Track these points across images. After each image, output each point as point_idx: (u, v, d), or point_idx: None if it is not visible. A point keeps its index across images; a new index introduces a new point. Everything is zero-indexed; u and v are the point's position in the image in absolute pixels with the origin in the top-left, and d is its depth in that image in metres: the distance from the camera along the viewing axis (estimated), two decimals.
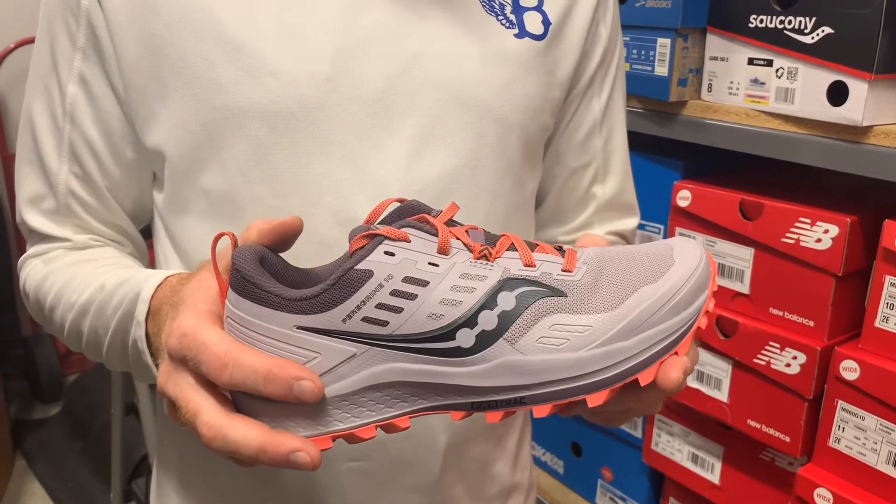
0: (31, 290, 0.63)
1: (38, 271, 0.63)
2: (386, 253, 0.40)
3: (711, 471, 1.02)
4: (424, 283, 0.40)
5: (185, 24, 0.55)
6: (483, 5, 0.60)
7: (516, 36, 0.60)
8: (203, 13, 0.55)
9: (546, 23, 0.62)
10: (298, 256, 0.59)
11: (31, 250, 0.65)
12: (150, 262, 0.69)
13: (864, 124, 0.78)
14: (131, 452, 1.92)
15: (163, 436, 0.69)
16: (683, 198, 0.97)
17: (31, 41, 2.34)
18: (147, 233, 0.68)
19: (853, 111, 0.79)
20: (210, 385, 0.42)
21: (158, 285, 0.52)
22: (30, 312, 0.66)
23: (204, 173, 0.58)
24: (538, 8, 0.62)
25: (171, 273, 0.53)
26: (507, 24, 0.61)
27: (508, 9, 0.61)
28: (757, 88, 0.89)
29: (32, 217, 0.63)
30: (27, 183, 0.63)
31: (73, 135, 0.60)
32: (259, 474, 0.62)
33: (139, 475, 1.96)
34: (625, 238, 0.75)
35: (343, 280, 0.40)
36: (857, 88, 0.78)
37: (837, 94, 0.80)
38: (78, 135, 0.60)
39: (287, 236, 0.46)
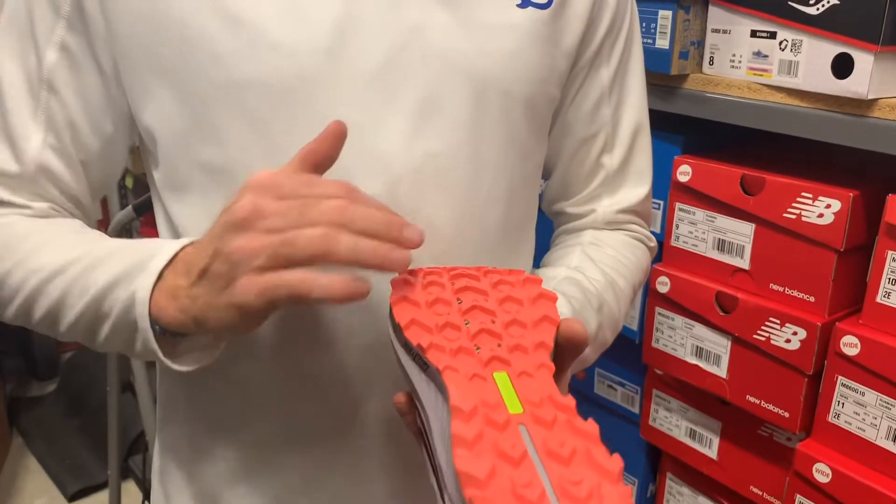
0: None
1: None
2: None
3: (709, 446, 1.02)
4: None
5: None
6: None
7: (519, 6, 0.59)
8: None
9: None
10: None
11: None
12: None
13: (870, 97, 0.77)
14: (128, 429, 1.93)
15: (164, 413, 0.68)
16: (684, 173, 0.96)
17: None
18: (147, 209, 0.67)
19: (858, 84, 0.77)
20: None
21: (184, 246, 0.51)
22: None
23: (202, 148, 0.57)
24: None
25: (193, 239, 0.52)
26: None
27: None
28: (760, 61, 0.87)
29: None
30: None
31: (50, 103, 0.58)
32: (266, 447, 0.62)
33: (136, 452, 1.97)
34: (634, 212, 0.74)
35: None
36: (863, 61, 0.77)
37: (842, 66, 0.79)
38: (57, 104, 0.58)
39: (331, 148, 0.50)
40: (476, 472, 0.36)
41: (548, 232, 0.78)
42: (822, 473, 0.84)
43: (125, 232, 1.41)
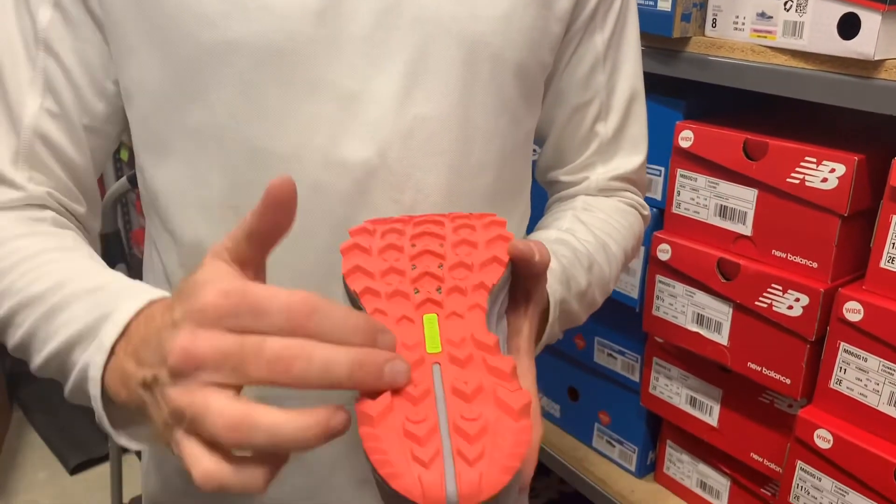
0: None
1: None
2: None
3: (710, 414, 1.02)
4: None
5: None
6: None
7: None
8: None
9: None
10: None
11: None
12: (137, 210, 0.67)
13: (876, 58, 0.75)
14: None
15: None
16: (686, 138, 0.94)
17: None
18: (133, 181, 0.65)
19: (865, 44, 0.76)
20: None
21: (139, 311, 0.43)
22: None
23: (189, 112, 0.55)
24: None
25: (154, 296, 0.45)
26: None
27: None
28: (764, 22, 0.85)
29: None
30: None
31: (47, 64, 0.55)
32: None
33: None
34: (629, 179, 0.73)
35: None
36: (870, 20, 0.75)
37: (849, 26, 0.77)
38: (54, 64, 0.56)
39: (276, 221, 0.40)
40: (370, 411, 0.37)
41: (542, 200, 0.77)
42: (823, 440, 0.84)
43: (120, 204, 1.40)
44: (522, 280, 0.48)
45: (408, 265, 0.46)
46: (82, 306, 0.47)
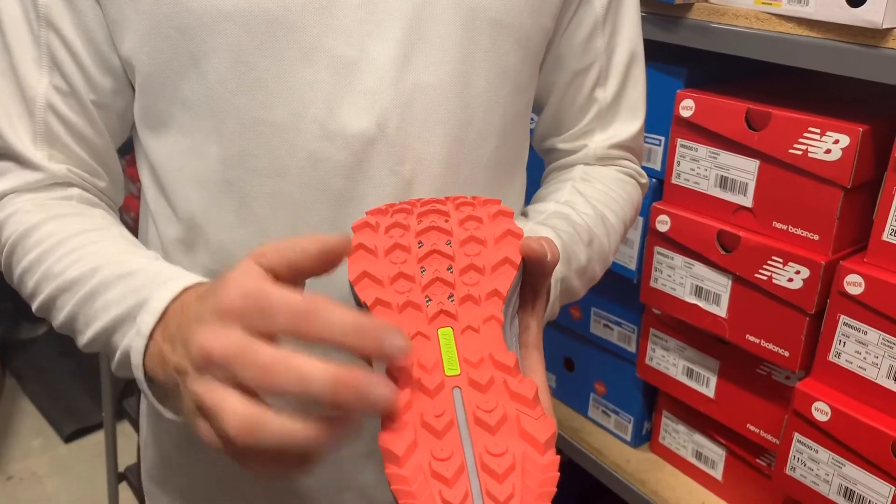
0: (4, 238, 0.56)
1: (19, 221, 0.55)
2: None
3: (707, 385, 1.01)
4: None
5: None
6: None
7: None
8: None
9: None
10: (286, 172, 0.56)
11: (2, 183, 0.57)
12: (135, 179, 0.65)
13: (885, 26, 0.73)
14: None
15: None
16: (686, 108, 0.92)
17: None
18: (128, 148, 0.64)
19: (873, 12, 0.74)
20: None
21: (175, 297, 0.46)
22: None
23: (182, 83, 0.54)
24: None
25: (188, 283, 0.47)
26: None
27: None
28: None
29: (11, 131, 0.56)
30: None
31: (51, 41, 0.54)
32: None
33: (130, 394, 1.96)
34: (627, 147, 0.72)
35: None
36: None
37: None
38: (57, 41, 0.54)
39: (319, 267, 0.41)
40: (395, 449, 0.36)
41: (539, 169, 0.76)
42: (821, 412, 0.84)
43: None
44: (531, 276, 0.47)
45: (417, 269, 0.45)
46: (117, 291, 0.49)
